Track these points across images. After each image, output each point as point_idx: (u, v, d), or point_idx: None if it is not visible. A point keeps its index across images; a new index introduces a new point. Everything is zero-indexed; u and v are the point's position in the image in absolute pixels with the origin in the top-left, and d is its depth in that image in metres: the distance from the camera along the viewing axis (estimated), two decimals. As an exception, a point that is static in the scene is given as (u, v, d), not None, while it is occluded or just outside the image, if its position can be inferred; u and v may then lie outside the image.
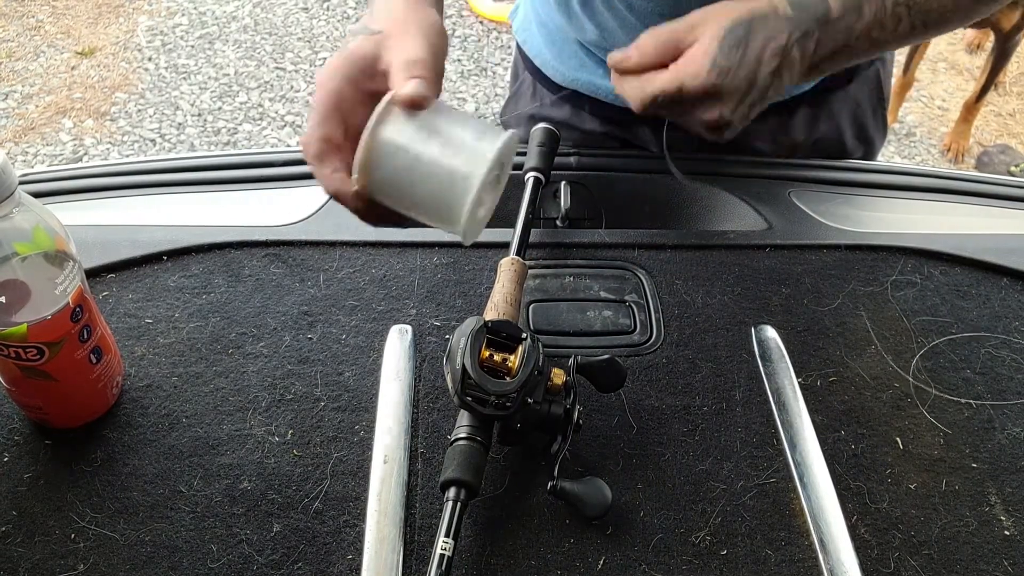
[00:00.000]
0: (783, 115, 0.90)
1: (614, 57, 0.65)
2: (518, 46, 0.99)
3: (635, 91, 0.62)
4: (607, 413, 0.64)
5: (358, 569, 0.54)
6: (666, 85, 0.61)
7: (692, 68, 0.60)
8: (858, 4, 0.62)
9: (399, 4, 0.59)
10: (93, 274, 0.72)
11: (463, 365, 0.56)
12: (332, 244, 0.75)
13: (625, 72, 0.64)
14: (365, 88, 0.56)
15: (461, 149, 0.52)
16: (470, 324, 0.59)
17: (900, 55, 2.98)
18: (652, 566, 0.55)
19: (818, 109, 0.91)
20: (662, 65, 0.64)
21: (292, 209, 0.79)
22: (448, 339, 0.61)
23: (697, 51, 0.60)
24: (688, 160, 0.89)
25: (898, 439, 0.63)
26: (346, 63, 0.56)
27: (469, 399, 0.56)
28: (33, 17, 3.23)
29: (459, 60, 3.12)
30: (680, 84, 0.60)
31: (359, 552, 0.54)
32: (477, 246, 0.76)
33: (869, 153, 0.99)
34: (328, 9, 3.35)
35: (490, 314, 0.63)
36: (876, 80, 0.93)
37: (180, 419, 0.62)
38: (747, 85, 0.61)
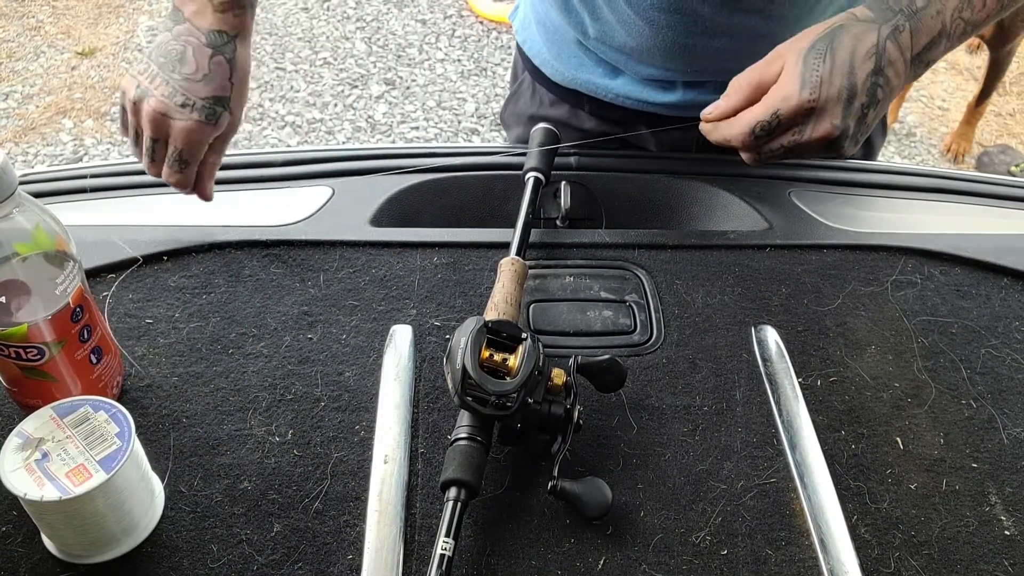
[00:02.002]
0: None
1: (706, 112, 0.63)
2: (518, 46, 0.99)
3: (731, 130, 0.60)
4: (607, 413, 0.64)
5: (358, 569, 0.54)
6: (760, 115, 0.59)
7: (782, 92, 0.58)
8: None
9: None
10: (93, 274, 0.72)
11: (463, 365, 0.56)
12: (332, 244, 0.76)
13: (717, 120, 0.63)
14: None
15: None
16: (470, 324, 0.59)
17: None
18: (652, 566, 0.55)
19: None
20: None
21: (292, 209, 0.79)
22: (448, 339, 0.61)
23: (784, 76, 0.59)
24: (688, 160, 0.89)
25: (898, 439, 0.63)
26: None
27: (469, 399, 0.56)
28: (33, 17, 3.23)
29: (459, 60, 3.12)
30: (774, 109, 0.58)
31: (359, 552, 0.54)
32: (478, 246, 0.76)
33: (869, 153, 0.99)
34: (328, 9, 3.35)
35: (490, 314, 0.64)
36: None
37: (180, 419, 0.62)
38: (847, 92, 0.58)
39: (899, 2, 0.60)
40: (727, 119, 0.62)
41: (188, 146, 0.67)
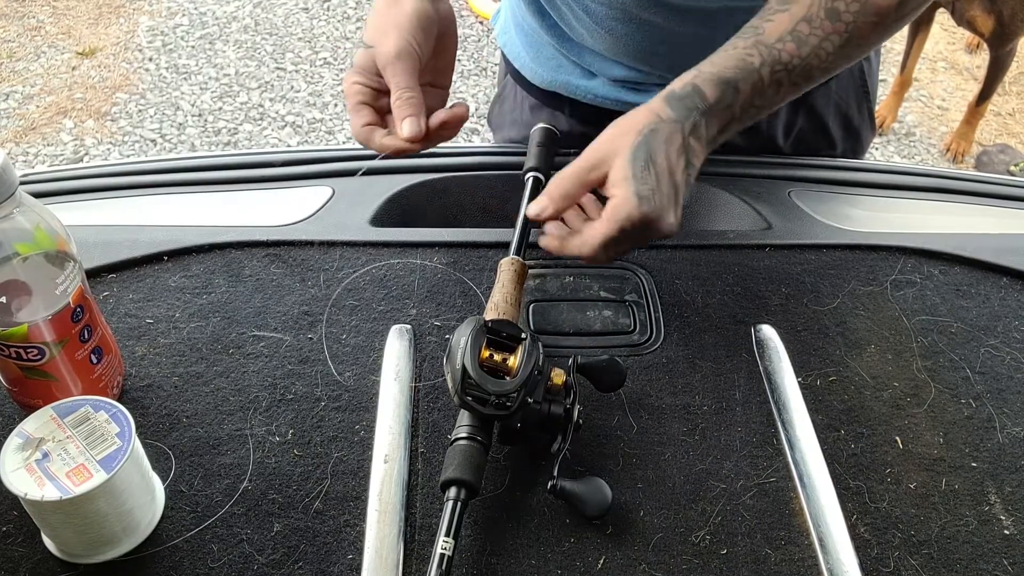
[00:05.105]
0: None
1: (532, 211, 0.66)
2: (501, 50, 1.00)
3: (583, 248, 0.63)
4: (607, 413, 0.64)
5: (358, 569, 0.54)
6: (608, 232, 0.62)
7: (623, 211, 0.61)
8: (734, 82, 0.64)
9: (379, 7, 0.70)
10: (94, 274, 0.72)
11: (463, 365, 0.57)
12: (332, 244, 0.76)
13: (546, 220, 0.66)
14: (379, 83, 0.69)
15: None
16: (470, 324, 0.59)
17: (895, 53, 2.98)
18: (652, 565, 0.55)
19: (798, 102, 0.91)
20: (577, 204, 0.67)
21: (292, 209, 0.79)
22: (448, 339, 0.61)
23: (618, 193, 0.62)
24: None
25: (898, 438, 0.63)
26: (356, 71, 0.70)
27: (469, 399, 0.56)
28: (34, 18, 3.23)
29: (459, 60, 3.11)
30: (620, 227, 0.61)
31: (359, 552, 0.55)
32: (478, 246, 0.76)
33: (857, 147, 0.99)
34: (328, 9, 3.35)
35: (490, 314, 0.64)
36: (860, 73, 0.93)
37: (180, 419, 0.62)
38: (675, 192, 0.63)
39: (694, 101, 0.65)
40: (575, 238, 0.64)
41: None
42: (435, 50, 0.71)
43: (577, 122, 0.94)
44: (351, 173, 0.84)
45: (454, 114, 0.70)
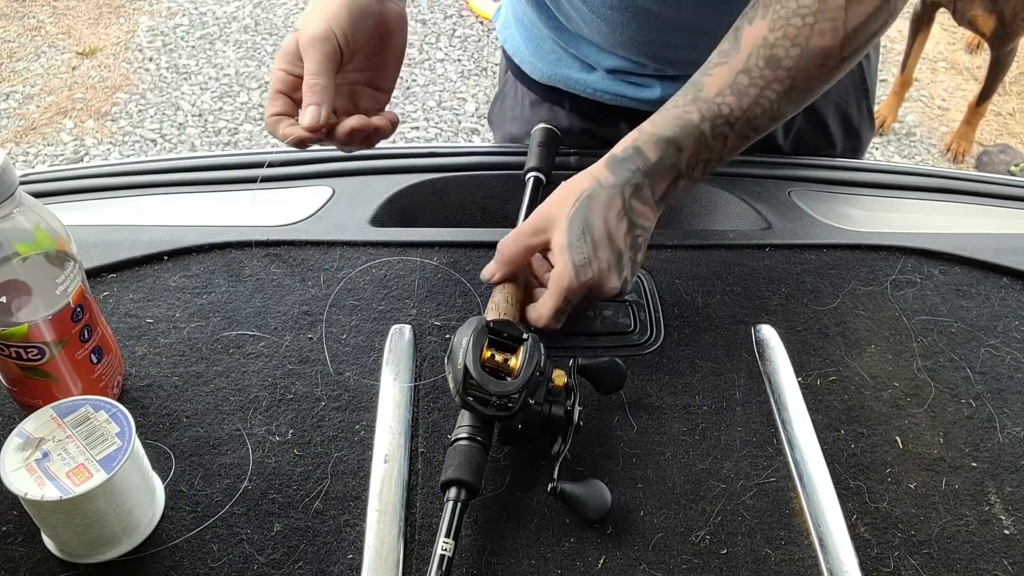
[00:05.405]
0: None
1: (483, 275, 0.68)
2: (502, 46, 1.00)
3: (539, 322, 0.64)
4: (607, 413, 0.64)
5: (358, 569, 0.54)
6: (555, 304, 0.63)
7: (563, 281, 0.62)
8: (675, 141, 0.64)
9: None
10: (94, 274, 0.72)
11: (465, 365, 0.57)
12: (332, 244, 0.76)
13: (497, 284, 0.67)
14: (301, 70, 0.66)
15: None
16: (471, 324, 0.59)
17: (895, 53, 2.98)
18: (652, 565, 0.55)
19: None
20: (525, 265, 0.68)
21: (292, 209, 0.79)
22: (448, 339, 0.61)
23: (558, 261, 0.63)
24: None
25: (898, 438, 0.63)
26: (280, 56, 0.68)
27: (471, 399, 0.56)
28: (34, 18, 3.23)
29: (459, 60, 3.12)
30: (563, 297, 0.63)
31: (359, 551, 0.55)
32: (478, 246, 0.76)
33: (857, 145, 0.98)
34: (328, 9, 3.34)
35: (491, 314, 0.64)
36: (859, 72, 0.93)
37: (180, 419, 0.62)
38: (615, 258, 0.63)
39: (635, 162, 0.64)
40: (536, 310, 0.65)
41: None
42: (375, 48, 0.70)
43: (577, 117, 0.93)
44: (351, 173, 0.84)
45: (369, 124, 0.67)
